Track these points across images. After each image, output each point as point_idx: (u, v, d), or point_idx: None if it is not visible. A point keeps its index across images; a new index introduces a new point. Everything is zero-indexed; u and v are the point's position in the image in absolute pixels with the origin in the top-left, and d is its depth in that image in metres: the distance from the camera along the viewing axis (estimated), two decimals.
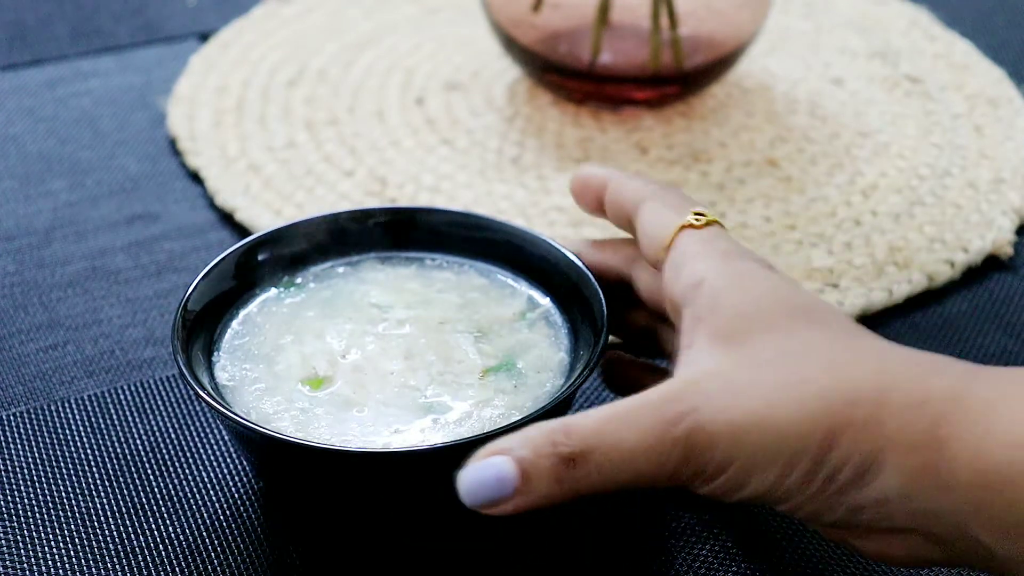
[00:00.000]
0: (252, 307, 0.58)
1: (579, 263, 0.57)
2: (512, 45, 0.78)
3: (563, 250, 0.58)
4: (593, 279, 0.56)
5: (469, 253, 0.60)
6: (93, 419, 0.59)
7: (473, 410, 0.53)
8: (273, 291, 0.59)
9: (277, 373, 0.55)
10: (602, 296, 0.55)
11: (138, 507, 0.55)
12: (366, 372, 0.55)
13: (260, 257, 0.59)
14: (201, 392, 0.51)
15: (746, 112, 0.80)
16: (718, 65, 0.78)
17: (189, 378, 0.52)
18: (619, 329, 0.58)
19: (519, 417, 0.52)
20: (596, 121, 0.79)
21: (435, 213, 0.61)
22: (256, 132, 0.78)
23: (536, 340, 0.56)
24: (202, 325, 0.56)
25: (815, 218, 0.71)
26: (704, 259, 0.50)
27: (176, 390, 0.60)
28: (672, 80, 0.78)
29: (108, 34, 0.87)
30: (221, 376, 0.55)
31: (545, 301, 0.58)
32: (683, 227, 0.52)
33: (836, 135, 0.78)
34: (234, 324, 0.57)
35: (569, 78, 0.78)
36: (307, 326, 0.57)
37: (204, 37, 0.87)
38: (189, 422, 0.59)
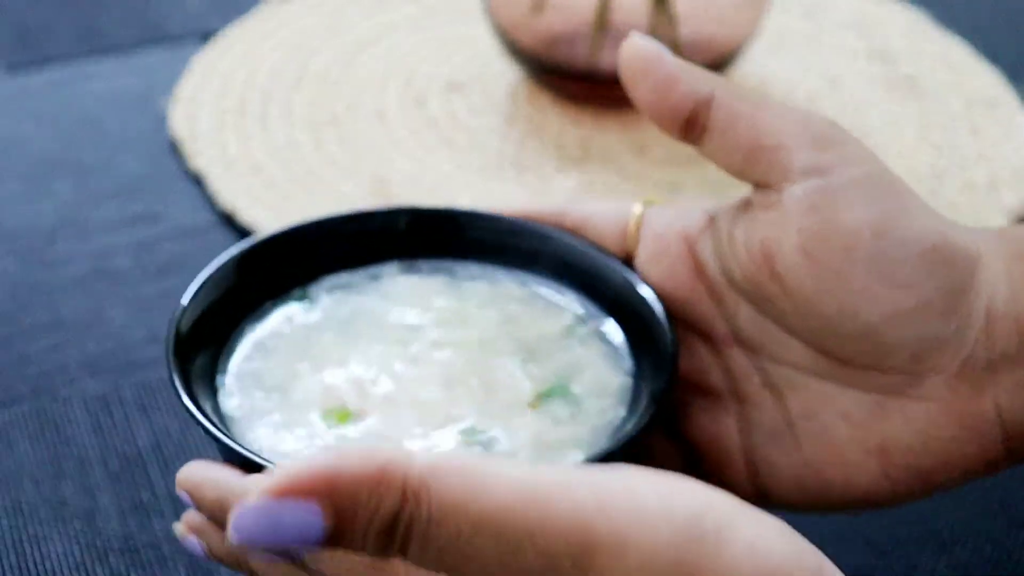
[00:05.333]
0: (258, 325, 0.51)
1: (633, 276, 0.50)
2: (512, 46, 0.79)
3: (614, 262, 0.51)
4: (653, 296, 0.49)
5: (503, 261, 0.53)
6: (96, 418, 0.59)
7: (527, 445, 0.46)
8: (280, 306, 0.51)
9: (295, 403, 0.48)
10: (663, 312, 0.48)
11: (141, 506, 0.55)
12: (400, 404, 0.48)
13: (261, 266, 0.52)
14: (212, 428, 0.44)
15: None
16: (717, 66, 0.78)
17: (194, 410, 0.45)
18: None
19: (584, 455, 0.45)
20: (596, 121, 0.79)
21: (464, 216, 0.54)
22: (257, 133, 0.78)
23: (590, 359, 0.50)
24: (200, 346, 0.49)
25: None
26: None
27: None
28: None
29: (110, 36, 0.87)
30: (226, 404, 0.48)
31: (598, 314, 0.51)
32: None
33: None
34: (239, 344, 0.50)
35: (569, 79, 0.79)
36: (327, 350, 0.50)
37: (205, 38, 0.87)
38: (190, 421, 0.59)
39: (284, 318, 0.51)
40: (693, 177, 0.75)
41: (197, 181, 0.75)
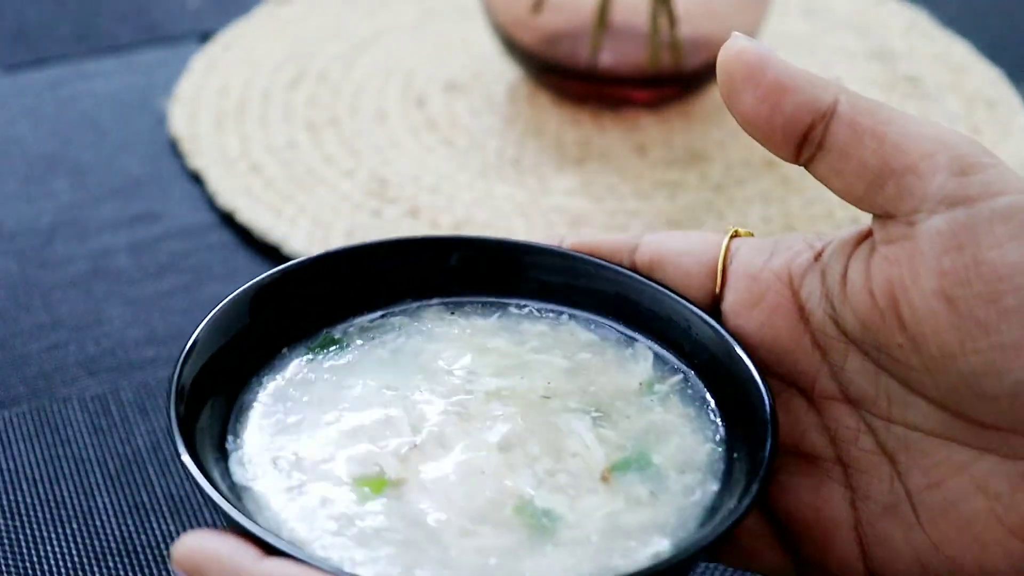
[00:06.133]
0: (278, 373, 0.43)
1: (718, 325, 0.43)
2: (512, 46, 0.78)
3: (693, 308, 0.44)
4: (742, 349, 0.42)
5: (564, 303, 0.46)
6: (95, 418, 0.59)
7: (599, 529, 0.39)
8: (304, 351, 0.44)
9: (321, 471, 0.40)
10: (756, 369, 0.42)
11: (139, 506, 0.55)
12: (446, 471, 0.40)
13: (281, 303, 0.44)
14: (221, 501, 0.37)
15: None
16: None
17: (202, 482, 0.38)
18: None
19: (668, 553, 0.38)
20: (596, 122, 0.79)
21: (517, 250, 0.46)
22: (257, 133, 0.78)
23: (674, 423, 0.43)
24: (208, 398, 0.42)
25: (814, 219, 0.72)
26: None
27: None
28: (671, 81, 0.78)
29: (110, 35, 0.87)
30: (239, 472, 0.40)
31: (679, 366, 0.44)
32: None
33: None
34: (253, 397, 0.43)
35: (569, 79, 0.79)
36: (361, 402, 0.42)
37: (205, 38, 0.87)
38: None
39: (308, 364, 0.44)
40: (693, 177, 0.75)
41: (197, 181, 0.75)
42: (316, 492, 0.39)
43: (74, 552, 0.53)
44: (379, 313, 0.45)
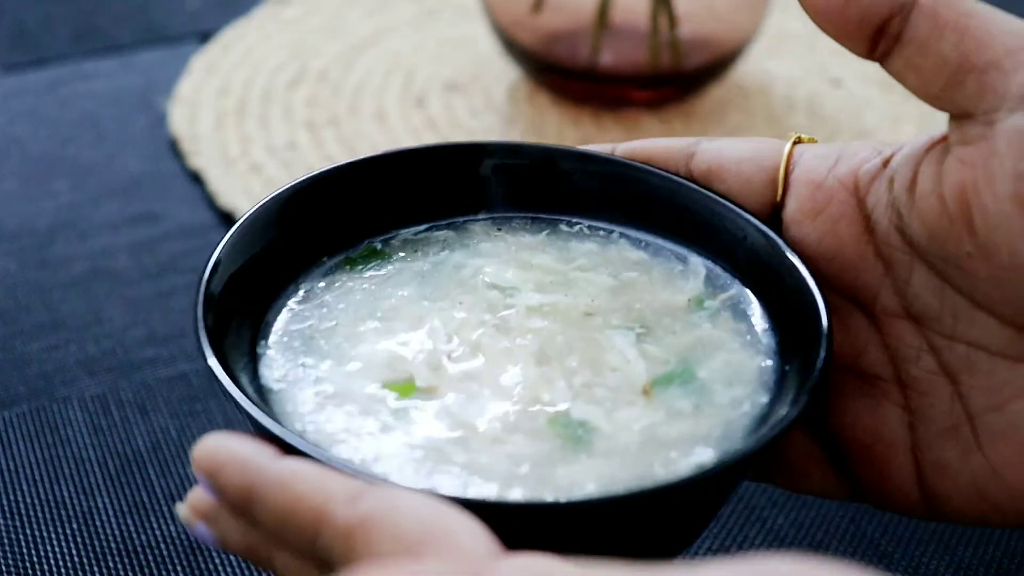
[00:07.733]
0: (317, 280, 0.43)
1: (775, 236, 0.41)
2: (512, 46, 0.78)
3: (750, 218, 0.42)
4: (799, 260, 0.40)
5: (616, 216, 0.45)
6: (95, 418, 0.59)
7: (636, 441, 0.38)
8: (345, 261, 0.44)
9: (350, 373, 0.40)
10: (812, 281, 0.40)
11: (139, 506, 0.55)
12: (480, 382, 0.39)
13: (323, 210, 0.43)
14: (238, 395, 0.37)
15: (745, 113, 0.80)
16: (717, 66, 0.78)
17: (221, 375, 0.37)
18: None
19: (710, 461, 0.37)
20: (596, 122, 0.79)
21: (569, 158, 0.45)
22: (257, 133, 0.78)
23: (722, 338, 0.41)
24: (242, 301, 0.41)
25: None
26: None
27: (177, 390, 0.61)
28: (671, 81, 0.78)
29: (110, 35, 0.87)
30: (267, 375, 0.40)
31: (732, 282, 0.43)
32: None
33: (835, 135, 0.78)
34: (291, 303, 0.42)
35: (569, 79, 0.79)
36: (399, 309, 0.42)
37: (205, 38, 0.87)
38: (190, 421, 0.59)
39: (348, 273, 0.43)
40: None
41: (197, 181, 0.75)
42: (343, 395, 0.39)
43: (74, 552, 0.53)
44: (425, 226, 0.45)
